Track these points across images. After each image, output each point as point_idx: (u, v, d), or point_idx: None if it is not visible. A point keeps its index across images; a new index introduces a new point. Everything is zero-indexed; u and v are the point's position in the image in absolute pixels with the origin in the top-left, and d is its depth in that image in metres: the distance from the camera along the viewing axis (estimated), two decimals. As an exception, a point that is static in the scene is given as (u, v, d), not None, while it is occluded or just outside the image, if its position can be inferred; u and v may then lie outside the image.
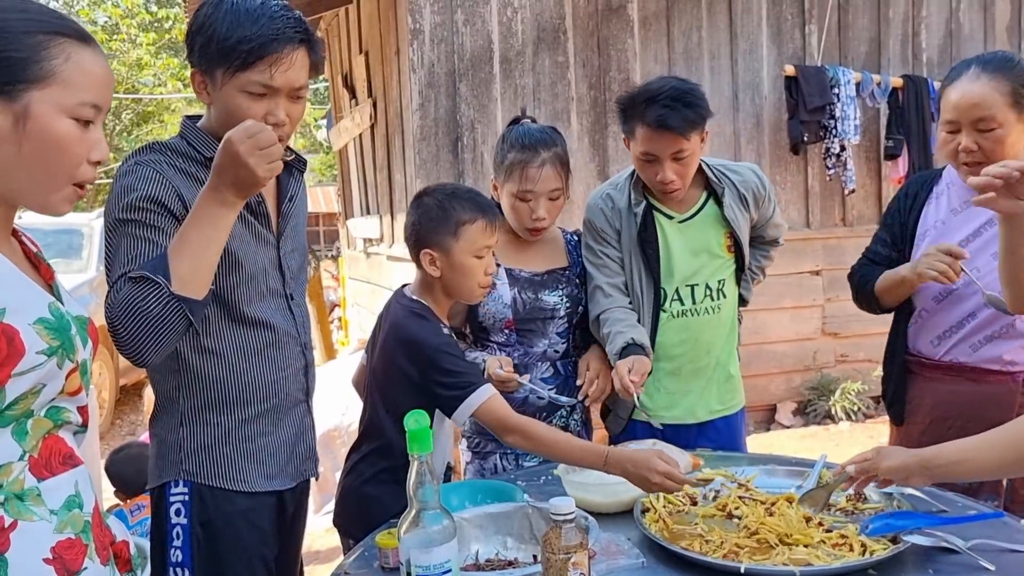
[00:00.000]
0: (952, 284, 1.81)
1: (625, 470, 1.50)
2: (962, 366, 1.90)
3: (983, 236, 1.88)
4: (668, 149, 1.98)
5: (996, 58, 1.85)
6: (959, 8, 5.36)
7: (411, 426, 1.15)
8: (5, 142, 1.01)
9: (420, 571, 1.12)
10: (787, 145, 4.92)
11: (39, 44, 1.02)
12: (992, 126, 1.79)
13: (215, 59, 1.45)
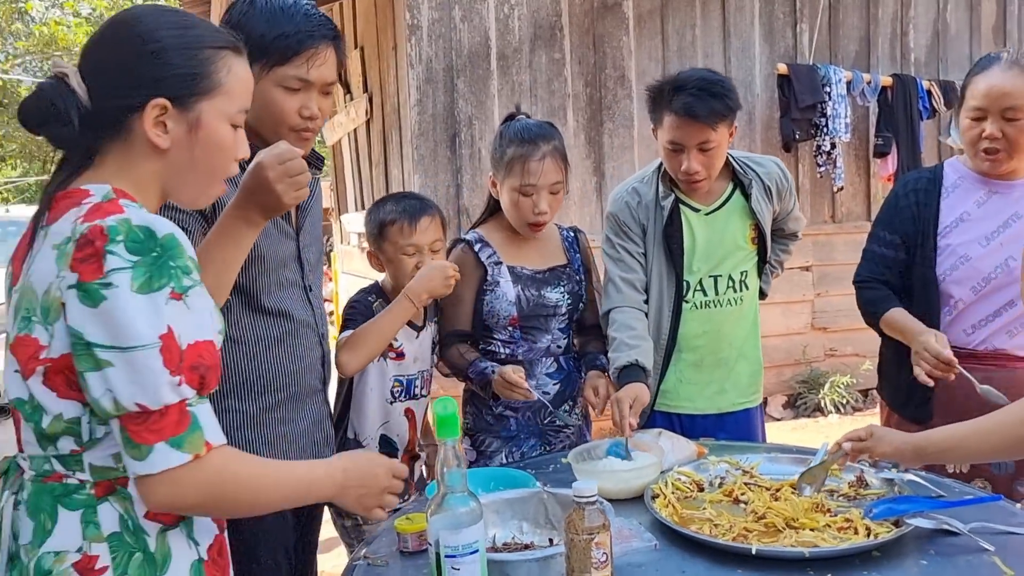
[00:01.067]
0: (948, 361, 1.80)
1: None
2: (995, 353, 1.94)
3: (1013, 227, 1.93)
4: (694, 138, 1.99)
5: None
6: (946, 8, 5.45)
7: (439, 412, 1.19)
8: (180, 147, 1.11)
9: (449, 551, 1.16)
10: (779, 143, 4.99)
11: (208, 59, 1.11)
12: (1019, 116, 1.86)
13: (252, 55, 1.48)
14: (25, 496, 1.06)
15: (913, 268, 2.03)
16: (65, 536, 1.02)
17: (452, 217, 4.36)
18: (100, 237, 0.97)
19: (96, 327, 0.95)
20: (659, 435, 1.93)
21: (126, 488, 1.04)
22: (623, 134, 4.68)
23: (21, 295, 1.05)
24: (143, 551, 1.04)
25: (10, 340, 1.05)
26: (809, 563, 1.34)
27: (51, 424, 1.02)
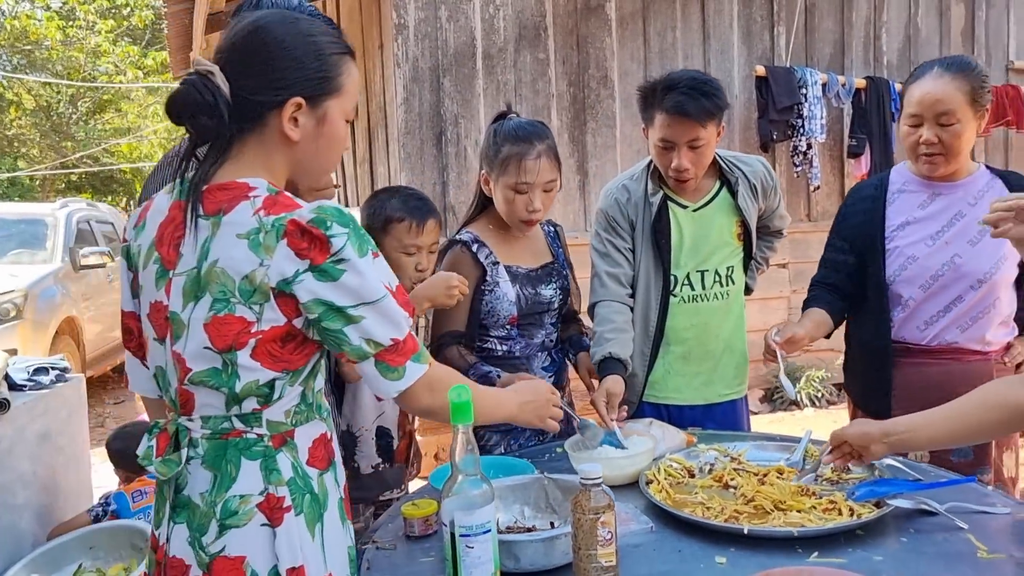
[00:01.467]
0: None
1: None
2: (949, 347, 2.03)
3: (956, 226, 2.02)
4: (685, 136, 2.05)
5: (957, 61, 1.99)
6: (917, 13, 5.60)
7: (454, 399, 1.26)
8: (308, 139, 1.24)
9: (463, 531, 1.22)
10: (757, 143, 5.10)
11: (336, 63, 1.25)
12: (952, 121, 1.93)
13: None
14: (200, 451, 1.21)
15: (866, 272, 2.12)
16: (248, 482, 1.19)
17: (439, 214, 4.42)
18: (314, 226, 1.13)
19: (342, 293, 1.15)
20: (650, 424, 2.01)
21: (293, 440, 1.23)
22: (606, 133, 4.76)
23: (198, 279, 1.16)
24: (310, 492, 1.23)
25: (191, 318, 1.17)
26: (798, 541, 1.42)
27: (244, 388, 1.18)
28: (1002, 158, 5.98)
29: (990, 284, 1.99)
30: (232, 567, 1.18)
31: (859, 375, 2.20)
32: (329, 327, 1.17)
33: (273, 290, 1.14)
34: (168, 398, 1.26)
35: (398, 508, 1.67)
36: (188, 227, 1.17)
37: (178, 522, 1.22)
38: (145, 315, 1.27)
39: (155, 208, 1.28)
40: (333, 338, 1.18)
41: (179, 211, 1.21)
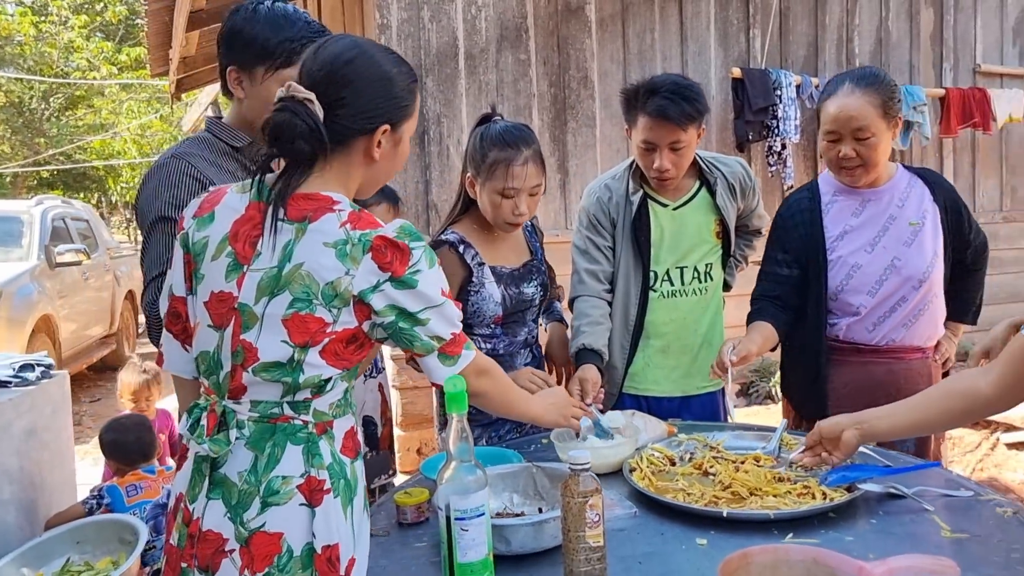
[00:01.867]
0: None
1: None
2: (894, 347, 2.13)
3: (890, 230, 2.12)
4: (666, 138, 2.13)
5: (867, 74, 2.05)
6: (888, 17, 5.73)
7: (449, 389, 1.32)
8: (385, 159, 1.37)
9: (458, 514, 1.28)
10: (733, 143, 5.20)
11: (413, 91, 1.39)
12: (867, 135, 2.00)
13: (258, 57, 1.64)
14: (247, 433, 1.30)
15: (808, 284, 2.18)
16: (290, 464, 1.28)
17: (421, 212, 4.46)
18: (399, 242, 1.27)
19: (415, 300, 1.29)
20: (632, 415, 2.08)
21: (332, 430, 1.34)
22: (586, 133, 4.84)
23: (278, 277, 1.26)
24: (344, 478, 1.33)
25: (265, 312, 1.26)
26: (774, 524, 1.50)
27: (306, 380, 1.28)
28: (970, 158, 6.14)
29: (928, 282, 2.09)
30: (270, 542, 1.26)
31: (796, 378, 2.27)
32: (403, 328, 1.31)
33: (354, 297, 1.26)
34: (213, 381, 1.33)
35: (391, 497, 1.73)
36: (268, 228, 1.26)
37: (213, 498, 1.29)
38: (203, 302, 1.32)
39: (225, 204, 1.34)
40: (406, 337, 1.32)
41: (257, 212, 1.30)
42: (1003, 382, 1.37)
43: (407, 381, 4.43)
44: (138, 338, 9.55)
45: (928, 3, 5.85)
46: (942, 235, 2.14)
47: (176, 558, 1.33)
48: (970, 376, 1.48)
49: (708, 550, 1.43)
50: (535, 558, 1.43)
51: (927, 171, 2.23)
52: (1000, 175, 6.24)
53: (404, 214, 4.42)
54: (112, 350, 8.01)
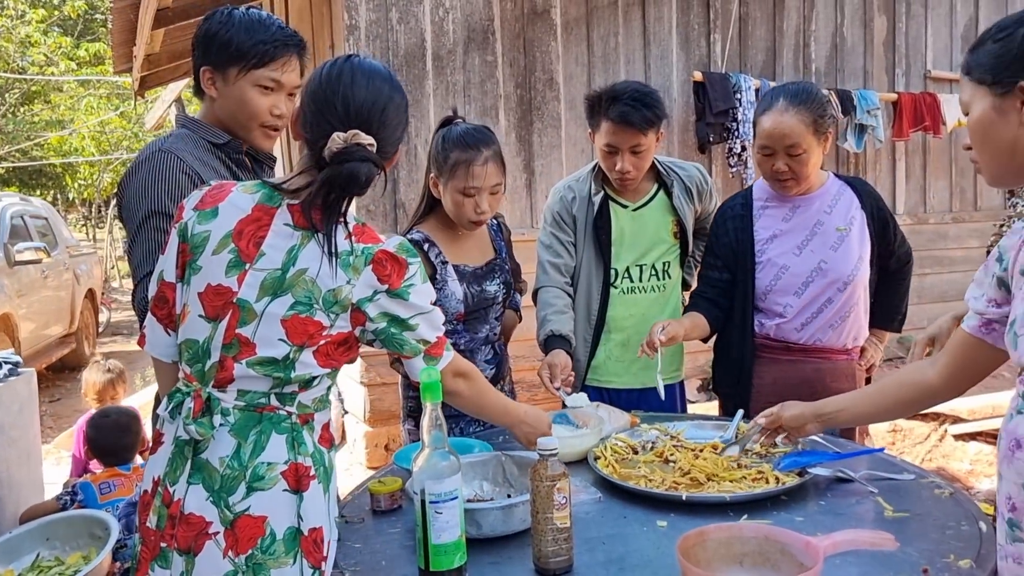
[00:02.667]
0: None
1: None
2: (821, 347, 2.25)
3: (818, 234, 2.23)
4: (628, 142, 2.24)
5: (800, 90, 2.15)
6: (843, 24, 5.91)
7: (424, 379, 1.38)
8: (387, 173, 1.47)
9: (433, 498, 1.35)
10: (695, 144, 5.32)
11: (405, 131, 1.50)
12: (799, 151, 2.13)
13: (233, 59, 1.72)
14: (231, 420, 1.36)
15: (735, 286, 2.30)
16: (275, 451, 1.35)
17: (389, 211, 4.51)
18: (399, 257, 1.37)
19: (406, 309, 1.40)
20: (597, 407, 2.17)
21: (313, 421, 1.42)
22: (552, 134, 4.92)
23: (282, 279, 1.34)
24: (323, 465, 1.41)
25: (265, 311, 1.33)
26: (730, 506, 1.59)
27: (296, 376, 1.36)
28: (921, 161, 6.35)
29: (853, 285, 2.22)
30: (255, 525, 1.32)
31: (725, 375, 2.39)
32: (394, 333, 1.41)
33: (352, 305, 1.36)
34: (196, 369, 1.39)
35: (364, 486, 1.79)
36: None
37: (193, 483, 1.35)
38: (197, 292, 1.37)
39: (231, 202, 1.40)
40: (396, 340, 1.42)
41: (264, 214, 1.37)
42: (948, 372, 1.47)
43: (375, 378, 4.47)
44: (99, 337, 9.42)
45: (881, 10, 6.04)
46: (869, 241, 2.26)
47: (155, 539, 1.37)
48: (919, 367, 1.58)
49: (668, 531, 1.52)
50: (504, 541, 1.51)
51: (856, 179, 2.37)
52: (950, 177, 6.47)
53: (372, 212, 4.46)
54: (72, 349, 7.90)
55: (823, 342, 2.25)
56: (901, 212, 6.19)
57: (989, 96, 1.21)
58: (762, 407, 2.18)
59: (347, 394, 4.83)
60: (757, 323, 2.29)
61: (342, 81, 1.37)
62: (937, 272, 6.20)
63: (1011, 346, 1.24)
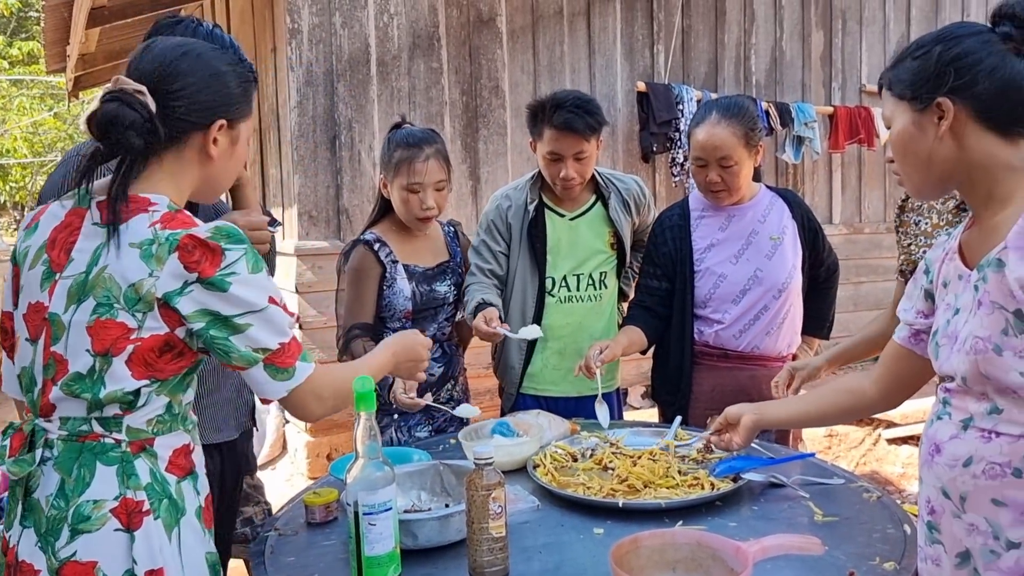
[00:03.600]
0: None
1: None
2: (757, 355, 2.29)
3: (753, 243, 2.29)
4: (572, 149, 2.27)
5: (732, 104, 2.24)
6: (782, 38, 6.06)
7: (357, 388, 1.36)
8: (222, 158, 1.33)
9: (366, 509, 1.33)
10: (639, 153, 5.39)
11: (249, 89, 1.36)
12: (731, 163, 2.20)
13: None
14: (55, 453, 1.22)
15: (674, 295, 2.34)
16: (103, 486, 1.20)
17: (332, 217, 4.45)
18: (209, 242, 1.19)
19: (229, 304, 1.21)
20: (537, 415, 2.17)
21: (153, 447, 1.25)
22: (497, 141, 4.93)
23: (85, 282, 1.19)
24: (168, 497, 1.25)
25: (71, 320, 1.19)
26: (665, 513, 1.60)
27: (108, 394, 1.20)
28: (857, 172, 6.54)
29: (787, 292, 2.28)
30: (83, 572, 1.18)
31: (664, 382, 2.43)
32: (216, 336, 1.21)
33: (158, 300, 1.18)
34: (29, 399, 1.27)
35: (299, 498, 1.76)
36: (83, 235, 1.21)
37: (26, 526, 1.22)
38: (22, 315, 1.27)
39: (50, 212, 1.29)
40: (220, 347, 1.21)
41: (77, 217, 1.24)
42: (883, 383, 1.51)
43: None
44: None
45: (819, 26, 6.21)
46: (800, 250, 2.34)
47: None
48: (858, 377, 1.61)
49: (604, 538, 1.52)
50: (440, 551, 1.49)
51: (787, 191, 2.45)
52: (884, 188, 6.67)
53: (315, 218, 4.41)
54: None
55: (760, 349, 2.30)
56: (838, 222, 6.37)
57: (909, 111, 1.24)
58: (701, 414, 2.22)
59: (289, 403, 4.74)
60: (696, 331, 2.32)
61: (148, 45, 1.30)
62: (872, 280, 6.39)
63: (932, 355, 1.27)
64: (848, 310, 6.25)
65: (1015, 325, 1.11)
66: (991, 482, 1.15)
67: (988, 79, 1.17)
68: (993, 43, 1.19)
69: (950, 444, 1.21)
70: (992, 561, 1.16)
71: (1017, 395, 1.12)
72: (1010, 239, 1.13)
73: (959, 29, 1.23)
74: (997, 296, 1.14)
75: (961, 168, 1.22)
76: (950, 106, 1.19)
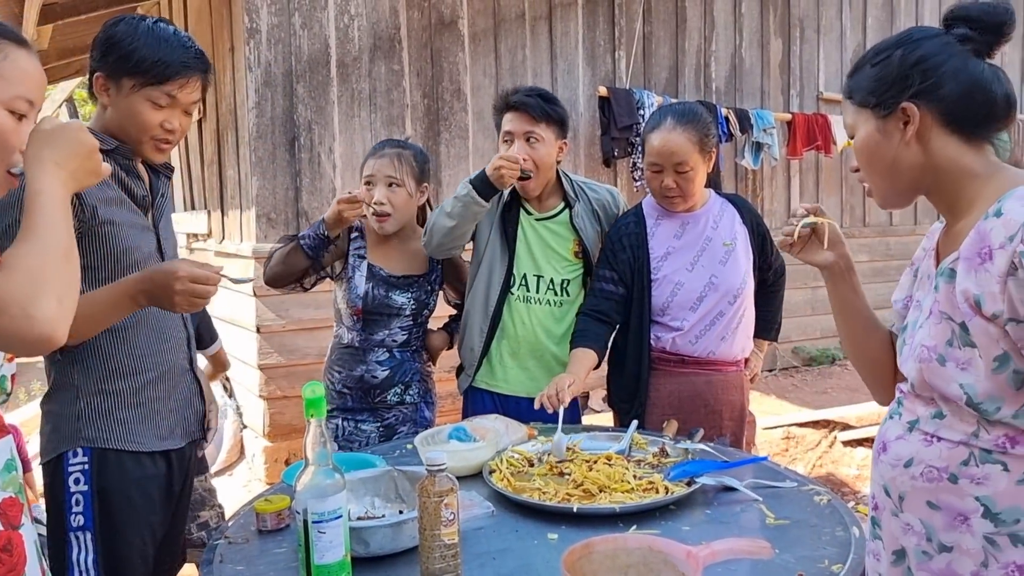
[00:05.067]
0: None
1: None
2: (713, 360, 2.31)
3: (708, 250, 2.31)
4: (522, 127, 2.29)
5: (687, 110, 2.25)
6: (741, 45, 6.14)
7: (307, 395, 1.34)
8: None
9: (316, 517, 1.31)
10: (600, 158, 5.42)
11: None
12: (686, 169, 2.21)
13: (129, 72, 1.66)
14: None
15: (631, 302, 2.34)
16: None
17: (291, 219, 4.40)
18: None
19: None
20: (495, 419, 2.16)
21: None
22: (459, 144, 4.91)
23: None
24: None
25: None
26: (620, 517, 1.61)
27: None
28: (814, 178, 6.65)
29: (741, 297, 2.31)
30: None
31: (620, 388, 2.42)
32: None
33: None
34: None
35: (251, 505, 1.73)
36: None
37: None
38: None
39: None
40: None
41: None
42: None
43: (275, 391, 4.35)
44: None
45: (777, 34, 6.31)
46: (752, 255, 2.36)
47: None
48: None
49: (558, 544, 1.52)
50: (393, 559, 1.48)
51: (736, 197, 2.47)
52: (840, 194, 6.80)
53: (273, 220, 4.35)
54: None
55: (716, 354, 2.31)
56: (795, 227, 6.46)
57: (873, 119, 1.23)
58: (657, 420, 2.24)
59: (245, 407, 4.68)
60: (653, 337, 2.33)
61: None
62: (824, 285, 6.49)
63: (898, 351, 1.28)
64: (805, 314, 6.35)
65: (960, 337, 1.13)
66: (928, 484, 1.17)
67: (953, 81, 1.16)
68: (952, 45, 1.18)
69: (895, 444, 1.23)
70: (924, 562, 1.18)
71: (958, 404, 1.14)
72: (963, 249, 1.13)
73: (917, 32, 1.22)
74: (946, 306, 1.15)
75: (927, 174, 1.21)
76: (915, 111, 1.18)
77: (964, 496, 1.13)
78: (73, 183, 1.13)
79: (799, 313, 6.28)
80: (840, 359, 6.62)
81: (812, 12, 6.47)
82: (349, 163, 4.46)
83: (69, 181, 1.12)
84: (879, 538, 1.25)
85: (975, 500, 1.13)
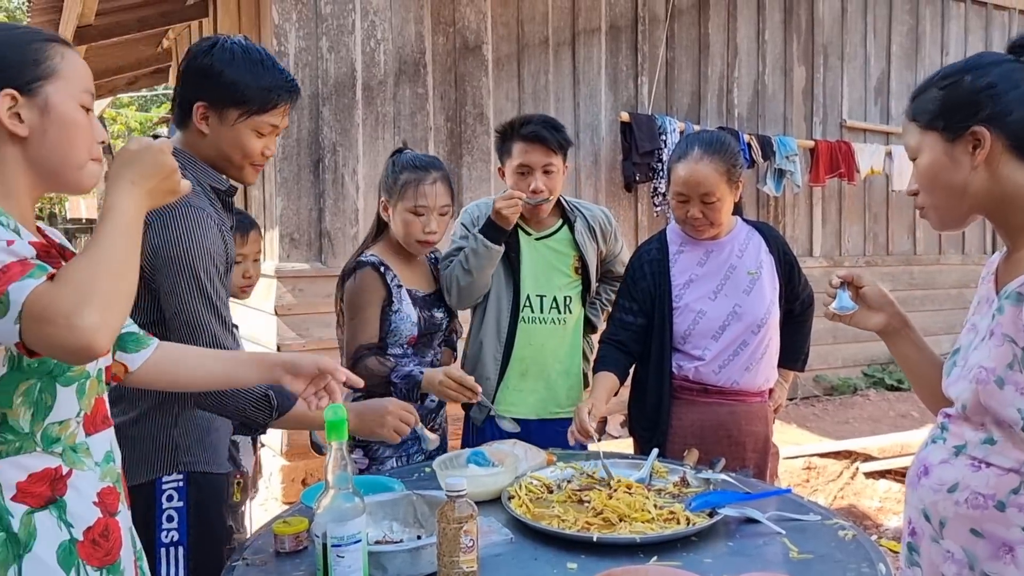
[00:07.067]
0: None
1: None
2: (737, 390, 2.28)
3: (731, 278, 2.29)
4: (541, 160, 2.31)
5: (714, 140, 2.22)
6: (764, 72, 6.15)
7: (329, 417, 1.34)
8: (37, 132, 1.17)
9: (335, 541, 1.30)
10: (621, 183, 5.42)
11: (39, 48, 1.19)
12: (713, 199, 2.19)
13: (235, 102, 1.65)
14: None
15: (651, 331, 2.31)
16: None
17: (314, 240, 4.43)
18: None
19: None
20: (514, 444, 2.15)
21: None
22: (481, 167, 4.94)
23: None
24: (5, 530, 1.11)
25: None
26: (640, 548, 1.58)
27: None
28: (837, 206, 6.61)
29: (766, 327, 2.27)
30: None
31: (642, 416, 2.39)
32: None
33: None
34: None
35: (269, 526, 1.72)
36: None
37: None
38: None
39: None
40: None
41: None
42: None
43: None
44: None
45: (801, 61, 6.31)
46: (778, 284, 2.33)
47: None
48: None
49: (577, 573, 1.50)
50: (411, 584, 1.46)
51: (763, 224, 2.44)
52: (864, 223, 6.75)
53: (296, 241, 4.38)
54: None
55: (740, 384, 2.28)
56: (818, 255, 6.42)
57: (940, 142, 1.22)
58: (679, 449, 2.21)
59: (265, 426, 4.69)
60: (675, 365, 2.30)
61: None
62: (851, 313, 6.43)
63: (945, 373, 1.27)
64: (828, 342, 6.28)
65: (1022, 361, 1.11)
66: (972, 511, 1.15)
67: (1022, 108, 1.16)
68: (1021, 72, 1.18)
69: (939, 468, 1.21)
70: None
71: (1013, 430, 1.12)
72: None
73: (987, 57, 1.22)
74: (1009, 329, 1.13)
75: (992, 199, 1.21)
76: (987, 134, 1.17)
77: (1011, 526, 1.11)
78: (149, 200, 1.17)
79: (821, 342, 6.22)
80: (862, 389, 6.53)
81: (836, 39, 6.47)
82: (372, 184, 4.49)
83: (144, 199, 1.16)
84: (917, 564, 1.23)
85: (1022, 531, 1.10)
